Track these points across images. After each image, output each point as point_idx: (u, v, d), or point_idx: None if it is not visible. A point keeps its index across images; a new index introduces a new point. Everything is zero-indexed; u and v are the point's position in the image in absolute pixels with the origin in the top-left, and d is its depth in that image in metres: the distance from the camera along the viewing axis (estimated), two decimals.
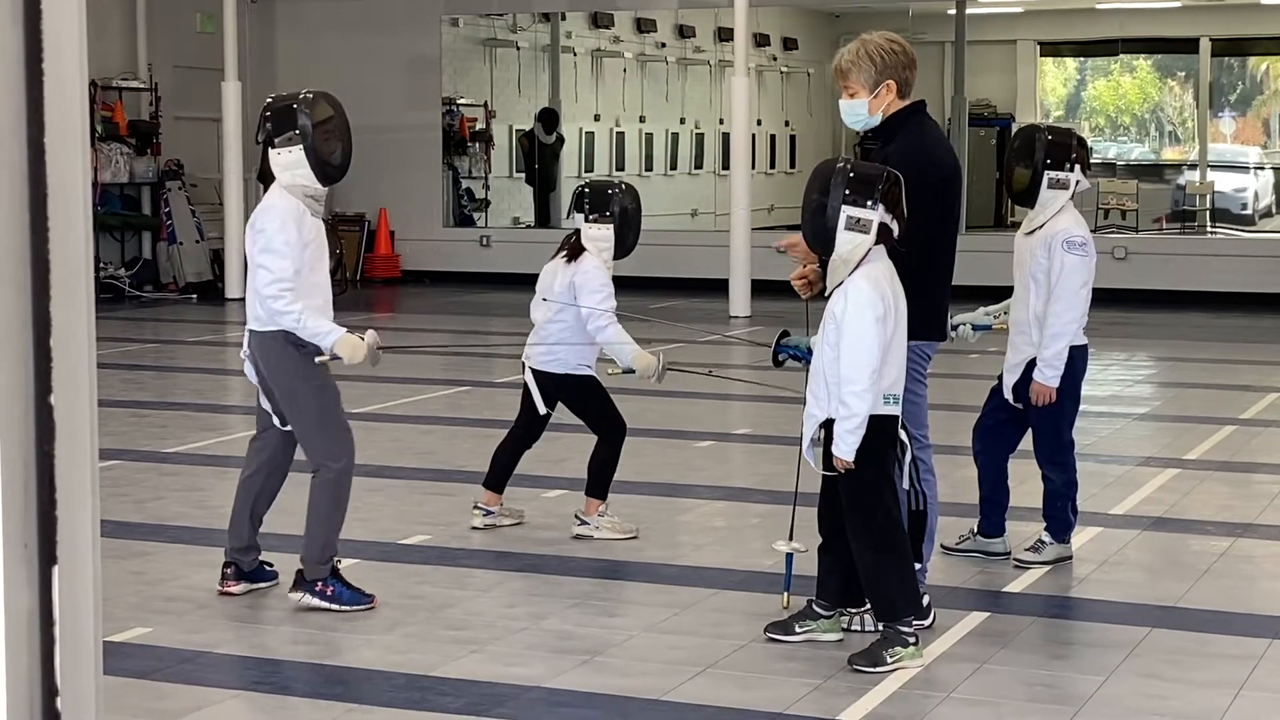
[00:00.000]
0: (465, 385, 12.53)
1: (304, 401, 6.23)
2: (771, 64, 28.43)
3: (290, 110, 6.18)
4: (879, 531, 5.68)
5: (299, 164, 6.16)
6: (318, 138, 6.17)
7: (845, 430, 5.57)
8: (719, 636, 5.97)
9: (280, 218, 6.11)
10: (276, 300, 6.07)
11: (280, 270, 6.07)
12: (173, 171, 19.45)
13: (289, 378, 6.21)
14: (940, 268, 6.06)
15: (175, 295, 19.14)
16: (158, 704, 5.27)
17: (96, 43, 18.24)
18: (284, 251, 6.07)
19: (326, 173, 6.20)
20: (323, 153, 6.18)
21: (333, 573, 6.28)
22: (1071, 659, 5.89)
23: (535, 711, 5.23)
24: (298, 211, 6.14)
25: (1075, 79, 31.15)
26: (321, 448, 6.23)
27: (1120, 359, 14.14)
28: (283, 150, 6.17)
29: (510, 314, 17.90)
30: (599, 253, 7.38)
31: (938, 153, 6.11)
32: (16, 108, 1.56)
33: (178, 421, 10.75)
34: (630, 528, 7.47)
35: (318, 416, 6.24)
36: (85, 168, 1.63)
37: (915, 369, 5.98)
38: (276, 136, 6.17)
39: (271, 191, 6.23)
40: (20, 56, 1.55)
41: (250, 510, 6.47)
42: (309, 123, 6.16)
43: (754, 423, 10.98)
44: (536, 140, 23.06)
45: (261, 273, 6.10)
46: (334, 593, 6.23)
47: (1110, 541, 7.50)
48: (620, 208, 7.44)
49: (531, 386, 7.45)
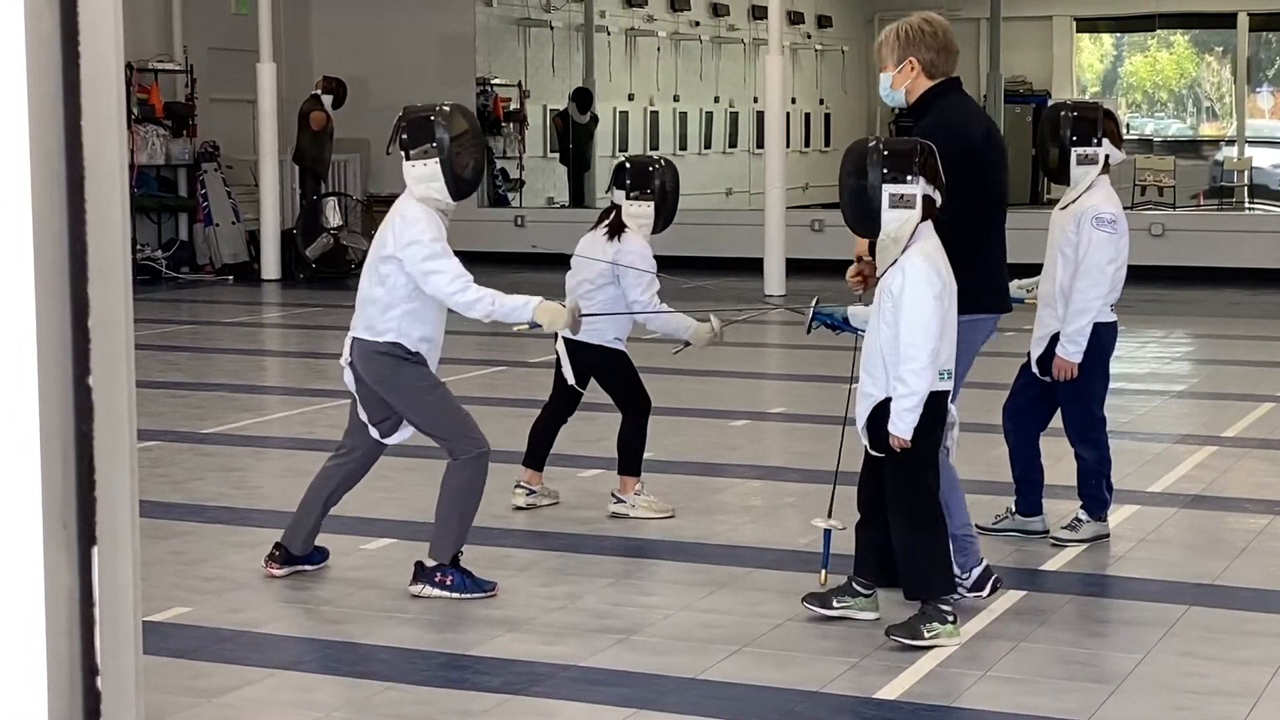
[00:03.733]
0: (499, 366, 12.55)
1: (428, 405, 6.21)
2: (806, 41, 28.34)
3: (428, 122, 6.15)
4: (918, 509, 5.67)
5: (434, 178, 6.14)
6: (453, 152, 6.14)
7: (904, 408, 5.56)
8: (755, 615, 5.97)
9: (427, 222, 6.12)
10: (464, 294, 6.09)
11: (452, 268, 6.10)
12: (208, 153, 19.50)
13: (406, 388, 6.20)
14: (976, 244, 6.05)
15: (211, 277, 19.20)
16: (196, 683, 5.30)
17: (131, 25, 18.28)
18: (445, 252, 6.10)
19: (460, 188, 6.19)
20: (457, 166, 6.15)
21: (452, 562, 6.23)
22: (1109, 637, 5.88)
23: (571, 690, 5.24)
24: (437, 218, 6.16)
25: (1112, 55, 30.96)
26: (460, 441, 6.21)
27: (1157, 336, 14.07)
28: (418, 163, 6.14)
29: (546, 293, 17.91)
30: (639, 229, 7.40)
31: (964, 127, 6.13)
32: (53, 91, 1.56)
33: (215, 402, 10.80)
34: (666, 507, 7.47)
35: (447, 414, 6.23)
36: (122, 150, 1.64)
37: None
38: (412, 148, 6.15)
39: (406, 203, 6.20)
40: (57, 40, 1.56)
41: (328, 496, 6.45)
42: (446, 136, 6.13)
43: (789, 401, 10.97)
44: (570, 120, 23.04)
45: (435, 278, 6.09)
46: (453, 582, 6.18)
47: (1148, 519, 7.47)
48: (660, 184, 7.45)
49: (563, 358, 7.46)
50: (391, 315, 6.17)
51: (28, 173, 1.55)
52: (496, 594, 6.22)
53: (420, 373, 6.22)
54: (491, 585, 6.25)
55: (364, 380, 6.25)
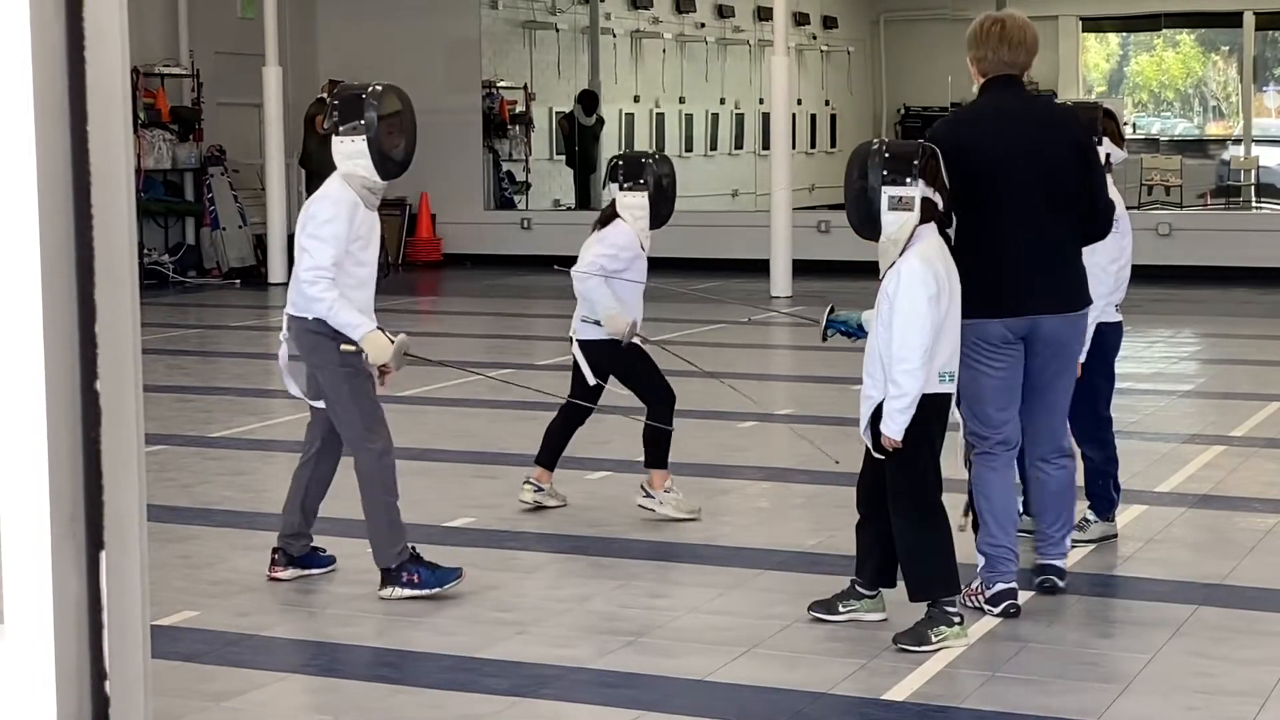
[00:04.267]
0: (507, 368, 12.55)
1: (340, 391, 6.24)
2: (811, 43, 28.34)
3: (358, 100, 6.19)
4: (920, 511, 5.66)
5: (360, 154, 6.17)
6: (382, 131, 6.17)
7: (895, 409, 5.55)
8: (763, 617, 5.97)
9: (334, 207, 6.13)
10: (313, 286, 6.10)
11: (321, 258, 6.09)
12: (215, 157, 19.52)
13: (328, 366, 6.23)
14: (979, 244, 5.95)
15: (219, 280, 19.22)
16: (205, 686, 5.30)
17: (138, 29, 18.32)
18: (329, 240, 6.09)
19: (387, 167, 6.21)
20: (385, 146, 6.18)
21: (413, 558, 6.24)
22: (1117, 637, 5.87)
23: (581, 692, 5.25)
24: (351, 202, 6.16)
25: (1118, 54, 30.94)
26: (357, 430, 6.23)
27: (1164, 336, 14.05)
28: (346, 139, 6.18)
29: (552, 296, 17.91)
30: (634, 220, 7.38)
31: (956, 128, 6.15)
32: (60, 98, 1.57)
33: (222, 406, 10.81)
34: (694, 507, 7.45)
35: (350, 398, 6.24)
36: (128, 156, 1.64)
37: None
38: (342, 124, 6.19)
39: (331, 179, 6.25)
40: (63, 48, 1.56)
41: (301, 499, 6.47)
42: (375, 115, 6.17)
43: (796, 403, 10.96)
44: (576, 122, 23.05)
45: (304, 256, 6.14)
46: (420, 579, 6.19)
47: (1155, 519, 7.46)
48: (654, 175, 7.45)
49: (580, 359, 7.45)
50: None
51: (34, 179, 1.56)
52: (464, 577, 6.23)
53: (340, 353, 6.22)
54: (457, 571, 6.26)
55: (299, 355, 6.31)
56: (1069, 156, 6.07)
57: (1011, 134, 6.06)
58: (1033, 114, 6.23)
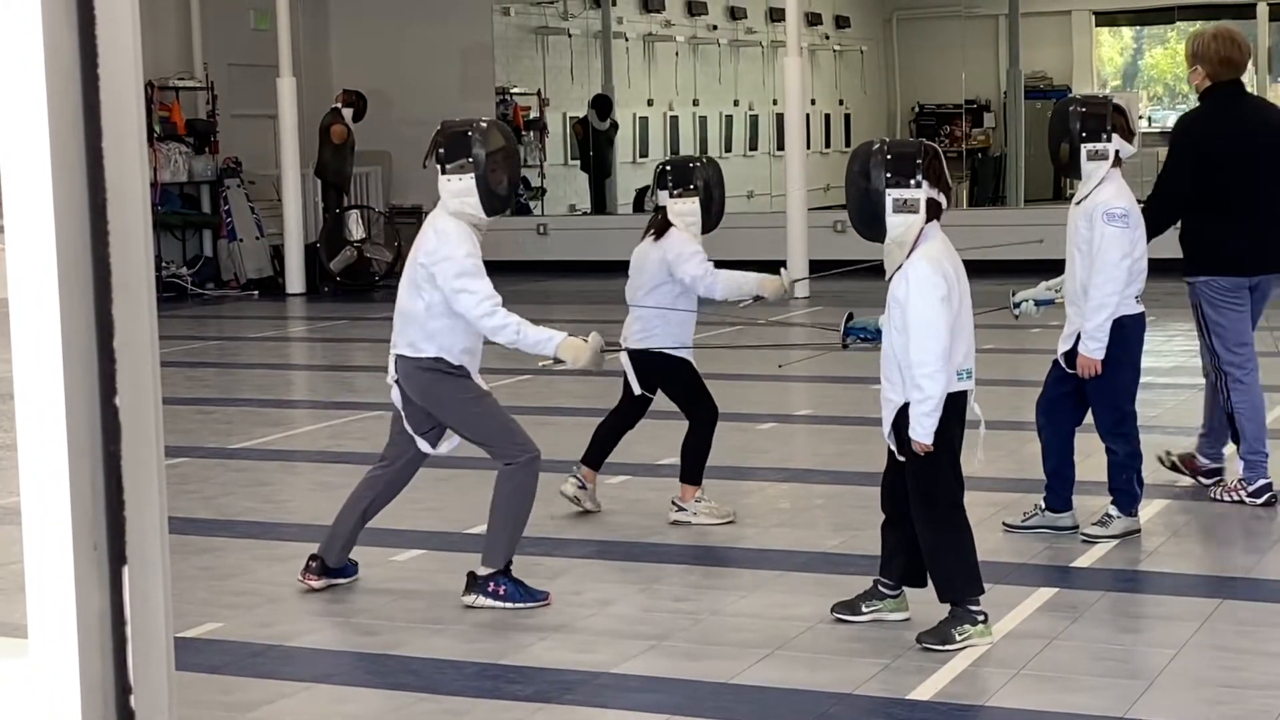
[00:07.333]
0: (526, 374, 12.54)
1: (475, 417, 6.22)
2: (824, 43, 28.32)
3: (465, 137, 6.17)
4: (941, 511, 5.65)
5: (469, 193, 6.15)
6: (489, 167, 6.16)
7: (922, 414, 5.53)
8: (786, 618, 5.97)
9: (466, 242, 6.12)
10: (491, 317, 6.07)
11: (483, 289, 6.09)
12: (231, 169, 19.56)
13: (451, 402, 6.21)
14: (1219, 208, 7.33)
15: (237, 292, 19.26)
16: (230, 698, 5.31)
17: (152, 43, 18.36)
18: (477, 272, 6.10)
19: (492, 204, 6.21)
20: (492, 182, 6.17)
21: (504, 571, 6.24)
22: (1142, 632, 5.86)
23: (604, 697, 5.25)
24: (470, 234, 6.16)
25: (1131, 48, 30.88)
26: (506, 443, 6.22)
27: (1184, 329, 13.97)
28: (453, 177, 6.15)
29: (571, 301, 17.91)
30: (686, 227, 7.39)
31: (1195, 125, 7.61)
32: (74, 113, 1.57)
33: (242, 417, 10.83)
34: (727, 511, 7.44)
35: (494, 423, 6.23)
36: (143, 171, 1.65)
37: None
38: (448, 162, 6.17)
39: (439, 216, 6.21)
40: (76, 62, 1.57)
41: (364, 509, 6.44)
42: (483, 151, 6.15)
43: (816, 404, 10.96)
44: (590, 127, 23.06)
45: (465, 297, 6.08)
46: (506, 592, 6.18)
47: (1178, 513, 7.44)
48: (704, 180, 7.46)
49: (627, 367, 7.45)
50: (432, 330, 6.18)
51: (50, 197, 1.56)
52: (551, 602, 6.22)
53: (464, 385, 6.22)
54: (544, 594, 6.25)
55: (409, 396, 6.26)
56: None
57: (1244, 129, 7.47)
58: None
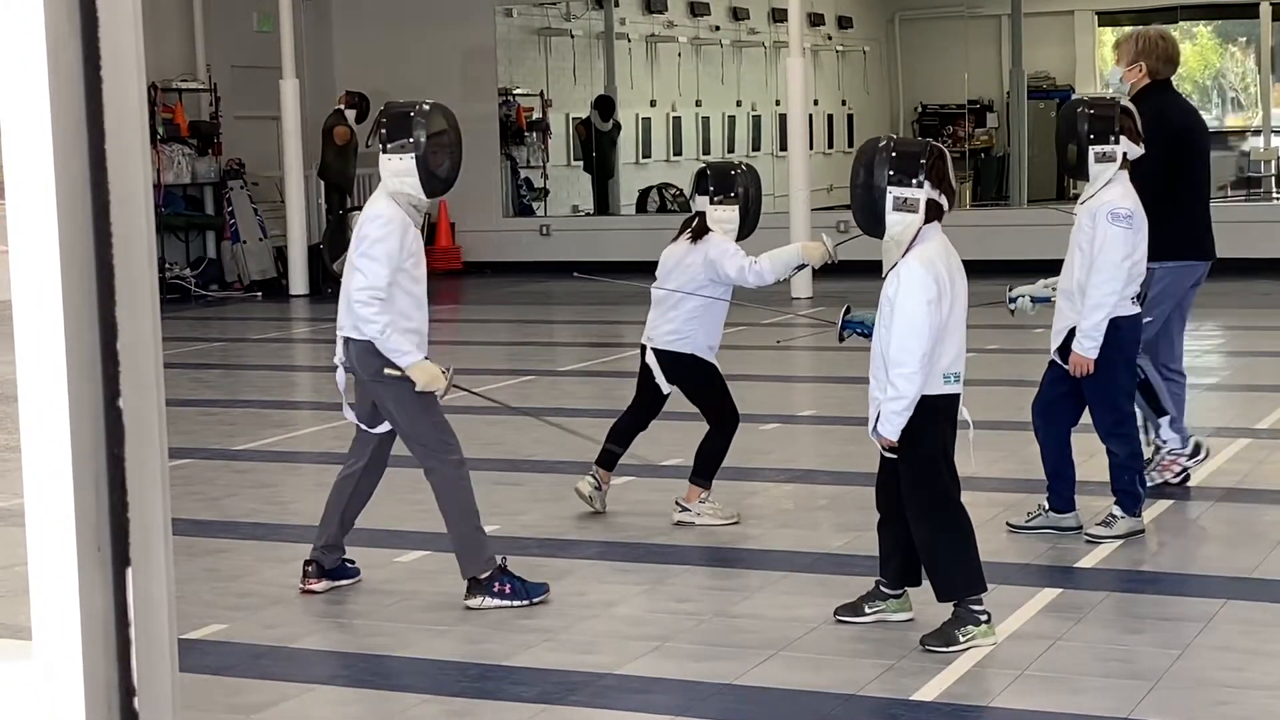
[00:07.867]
0: (529, 375, 12.56)
1: (404, 401, 6.22)
2: (827, 43, 28.32)
3: (406, 118, 6.21)
4: (936, 512, 5.65)
5: (408, 173, 6.18)
6: (429, 149, 6.19)
7: (892, 411, 5.55)
8: (789, 619, 5.97)
9: (385, 226, 6.13)
10: (366, 307, 6.09)
11: (376, 278, 6.08)
12: (234, 171, 19.58)
13: (393, 386, 6.20)
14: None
15: (240, 293, 19.27)
16: (234, 699, 5.32)
17: (155, 45, 18.37)
18: (382, 260, 6.09)
19: (433, 185, 6.23)
20: (432, 164, 6.20)
21: (501, 569, 6.25)
22: (1146, 633, 5.85)
23: (608, 698, 5.25)
24: (402, 220, 6.16)
25: None
26: (432, 443, 6.23)
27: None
28: (394, 157, 6.19)
29: (573, 302, 17.91)
30: (725, 234, 7.38)
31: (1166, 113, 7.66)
32: (77, 116, 1.57)
33: (246, 419, 10.83)
34: (732, 513, 7.44)
35: (421, 412, 6.23)
36: (146, 173, 1.65)
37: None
38: (390, 142, 6.20)
39: (377, 199, 6.26)
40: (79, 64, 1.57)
41: (342, 511, 6.47)
42: (423, 134, 6.19)
43: (819, 404, 10.95)
44: (593, 128, 23.07)
45: (357, 276, 6.11)
46: (511, 590, 6.20)
47: (1182, 513, 7.44)
48: (744, 188, 7.46)
49: (654, 367, 7.43)
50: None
51: (54, 199, 1.56)
52: (549, 595, 6.25)
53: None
54: (545, 586, 6.29)
55: (360, 377, 6.29)
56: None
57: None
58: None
